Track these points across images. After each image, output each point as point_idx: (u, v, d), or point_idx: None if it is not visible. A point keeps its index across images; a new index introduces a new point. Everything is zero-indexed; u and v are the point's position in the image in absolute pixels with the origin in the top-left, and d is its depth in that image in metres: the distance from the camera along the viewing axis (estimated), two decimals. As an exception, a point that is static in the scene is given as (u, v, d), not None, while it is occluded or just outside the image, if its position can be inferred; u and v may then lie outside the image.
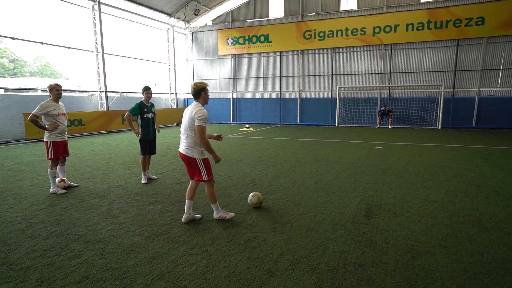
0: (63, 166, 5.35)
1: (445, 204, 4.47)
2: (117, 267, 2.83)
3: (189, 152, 3.63)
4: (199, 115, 3.45)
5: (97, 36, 14.98)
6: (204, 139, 3.51)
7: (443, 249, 3.12)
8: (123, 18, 16.89)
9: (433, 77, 16.67)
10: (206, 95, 3.65)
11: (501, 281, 2.59)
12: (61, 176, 5.26)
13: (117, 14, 16.39)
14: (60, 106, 5.14)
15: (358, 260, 2.93)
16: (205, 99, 3.65)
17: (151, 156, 6.05)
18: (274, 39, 19.03)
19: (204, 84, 3.61)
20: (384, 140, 11.52)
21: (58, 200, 4.75)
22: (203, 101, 3.63)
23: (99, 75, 15.32)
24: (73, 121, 12.97)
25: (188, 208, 3.86)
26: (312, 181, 5.79)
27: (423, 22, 16.08)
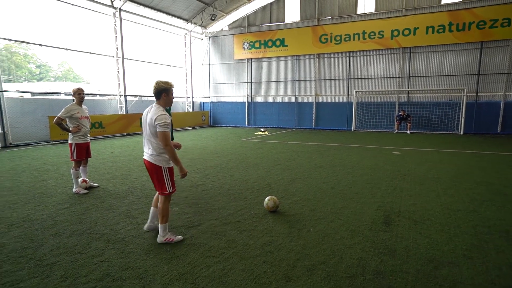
0: (86, 167, 5.53)
1: (469, 213, 4.30)
2: (136, 266, 2.89)
3: (156, 159, 3.27)
4: (160, 122, 3.10)
5: (117, 41, 15.48)
6: (168, 146, 3.16)
7: (467, 260, 3.00)
8: (143, 24, 17.39)
9: (454, 81, 16.16)
10: (169, 97, 3.28)
11: (531, 295, 2.47)
12: (83, 177, 5.45)
13: (137, 20, 16.90)
14: (84, 109, 5.33)
15: (377, 268, 2.86)
16: (166, 101, 3.28)
17: None
18: (290, 43, 19.04)
19: (167, 84, 3.26)
20: (403, 146, 11.23)
21: (80, 199, 4.92)
22: (163, 103, 3.27)
23: (119, 79, 15.81)
24: (94, 124, 13.42)
25: (153, 216, 3.65)
26: (328, 186, 5.72)
27: (444, 25, 15.65)
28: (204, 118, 21.33)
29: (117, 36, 15.44)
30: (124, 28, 15.74)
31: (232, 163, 7.91)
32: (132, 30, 16.88)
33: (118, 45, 15.47)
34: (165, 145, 3.16)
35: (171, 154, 3.19)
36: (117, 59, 15.66)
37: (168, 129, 3.16)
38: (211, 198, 4.98)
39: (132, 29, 16.85)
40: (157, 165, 3.27)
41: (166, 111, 5.77)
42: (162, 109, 3.21)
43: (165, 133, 3.13)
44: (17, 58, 26.73)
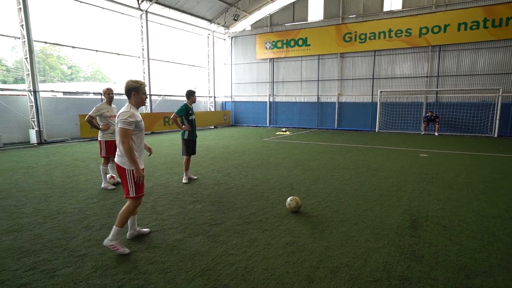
0: (113, 164, 5.76)
1: (504, 220, 4.06)
2: (162, 261, 2.98)
3: (121, 161, 3.12)
4: (122, 117, 3.01)
5: (143, 42, 16.00)
6: (126, 143, 2.99)
7: (503, 270, 2.84)
8: (167, 25, 17.86)
9: (488, 80, 15.28)
10: (139, 97, 3.16)
11: None
12: (111, 173, 5.68)
13: (162, 21, 17.38)
14: (113, 108, 5.56)
15: (403, 273, 2.77)
16: (137, 101, 3.17)
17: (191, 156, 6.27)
18: (313, 42, 18.81)
19: (137, 83, 3.15)
20: (430, 148, 10.78)
21: (109, 195, 5.13)
22: (134, 102, 3.16)
23: (144, 79, 16.32)
24: (120, 122, 13.95)
25: (132, 224, 3.47)
26: (351, 187, 5.61)
27: (478, 21, 14.82)
28: (226, 118, 21.56)
29: (143, 38, 15.96)
30: (150, 30, 16.25)
31: (253, 163, 7.94)
32: (157, 31, 17.39)
33: (144, 46, 15.99)
34: (122, 141, 3.01)
35: (127, 151, 3.00)
36: (143, 59, 16.19)
37: (129, 127, 3.01)
38: (233, 197, 5.03)
39: (157, 30, 17.36)
40: (121, 167, 3.11)
41: (187, 110, 5.86)
42: (134, 109, 3.13)
43: (124, 129, 3.00)
44: (51, 59, 28.31)
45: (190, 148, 6.04)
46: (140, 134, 3.20)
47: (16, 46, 22.01)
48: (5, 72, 22.22)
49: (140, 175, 3.10)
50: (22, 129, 11.56)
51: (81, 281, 2.62)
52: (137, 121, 3.11)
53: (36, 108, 11.48)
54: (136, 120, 3.09)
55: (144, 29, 15.87)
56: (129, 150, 3.01)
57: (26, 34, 11.23)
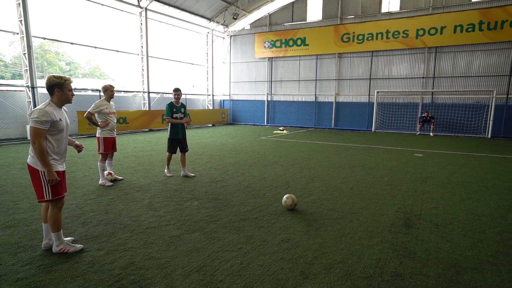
0: (111, 161, 5.79)
1: (495, 219, 4.15)
2: (158, 257, 3.01)
3: (32, 161, 2.86)
4: (34, 115, 2.76)
5: (142, 40, 15.96)
6: (36, 143, 2.73)
7: (492, 267, 2.91)
8: (167, 23, 17.83)
9: (483, 82, 15.44)
10: (64, 94, 2.93)
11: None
12: (109, 170, 5.70)
13: (161, 19, 17.34)
14: (111, 105, 5.58)
15: (396, 270, 2.83)
16: (60, 98, 2.93)
17: (185, 154, 6.38)
18: (311, 42, 18.87)
19: (61, 79, 2.91)
20: (425, 148, 10.89)
21: (106, 191, 5.15)
22: (57, 99, 2.92)
23: (143, 76, 16.30)
24: (118, 119, 13.94)
25: (47, 232, 3.09)
26: (347, 186, 5.67)
27: (474, 23, 14.97)
28: (224, 116, 21.58)
29: (143, 35, 15.92)
30: (149, 27, 16.21)
31: (250, 161, 7.98)
32: (156, 29, 17.35)
33: (143, 44, 15.95)
34: (32, 142, 2.75)
35: (38, 153, 2.75)
36: (141, 57, 16.15)
37: (41, 126, 2.76)
38: (230, 194, 5.07)
39: (156, 28, 17.32)
40: (33, 168, 2.85)
41: (171, 109, 5.98)
42: (53, 107, 2.88)
43: (35, 128, 2.74)
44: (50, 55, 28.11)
45: (174, 146, 6.22)
46: (59, 135, 2.93)
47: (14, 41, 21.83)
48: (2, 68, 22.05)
49: (52, 178, 2.82)
50: (19, 125, 11.50)
51: (78, 276, 2.65)
52: (54, 120, 2.82)
53: (34, 104, 11.43)
54: (52, 120, 2.80)
55: (144, 26, 15.83)
56: (41, 151, 2.75)
57: (25, 30, 11.16)
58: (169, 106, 6.07)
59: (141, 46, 16.03)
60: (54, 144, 2.90)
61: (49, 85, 2.89)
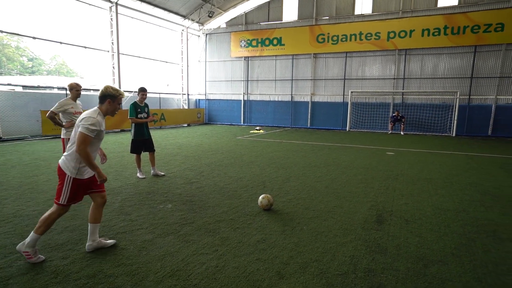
0: (78, 163, 5.48)
1: (458, 213, 4.38)
2: (129, 263, 2.88)
3: (64, 164, 2.94)
4: (86, 122, 2.82)
5: (113, 36, 15.33)
6: (82, 150, 2.80)
7: (456, 259, 3.06)
8: (139, 19, 17.25)
9: (448, 84, 16.36)
10: (113, 106, 3.02)
11: (517, 293, 2.53)
12: (76, 172, 5.39)
13: (133, 15, 16.75)
14: (78, 104, 5.27)
15: (368, 266, 2.90)
16: (108, 109, 3.01)
17: (153, 153, 6.29)
18: (287, 42, 19.05)
19: (117, 92, 3.04)
20: (396, 146, 11.35)
21: (73, 195, 4.86)
22: (105, 109, 3.01)
23: (114, 74, 15.66)
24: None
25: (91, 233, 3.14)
26: (322, 185, 5.76)
27: (440, 28, 15.82)
28: (200, 116, 21.27)
29: (113, 31, 15.29)
30: (120, 23, 15.59)
31: (226, 161, 7.91)
32: (128, 25, 16.74)
33: (114, 40, 15.32)
34: (78, 147, 2.80)
35: (85, 158, 2.82)
36: (112, 54, 15.51)
37: (90, 134, 2.83)
38: (205, 196, 4.98)
39: (128, 24, 16.71)
40: (62, 171, 2.92)
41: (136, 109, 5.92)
42: (101, 116, 2.97)
43: (85, 135, 2.81)
44: (9, 50, 26.25)
45: (138, 147, 6.11)
46: (97, 144, 3.03)
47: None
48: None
49: (103, 178, 2.95)
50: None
51: (40, 288, 2.47)
52: (100, 130, 2.93)
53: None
54: (98, 129, 2.91)
55: (114, 22, 15.20)
56: (86, 156, 2.82)
57: (-20, 23, 10.35)
58: (133, 106, 5.97)
59: (112, 42, 15.39)
60: (90, 151, 2.92)
61: (104, 94, 2.99)
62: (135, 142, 6.11)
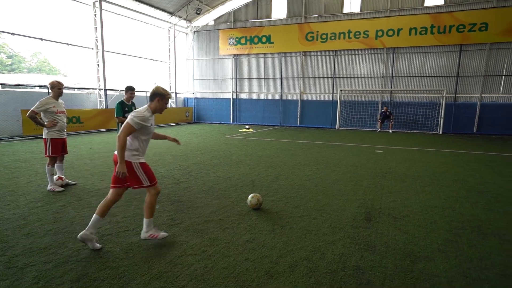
0: (61, 164, 5.31)
1: (445, 209, 4.45)
2: (115, 266, 2.81)
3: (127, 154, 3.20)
4: (135, 115, 3.10)
5: (97, 33, 14.95)
6: (121, 138, 3.05)
7: (442, 254, 3.10)
8: (124, 15, 16.88)
9: (435, 82, 16.68)
10: (161, 104, 3.27)
11: (500, 287, 2.58)
12: (59, 174, 5.23)
13: (118, 11, 16.37)
14: (60, 103, 5.11)
15: (357, 263, 2.91)
16: (157, 107, 3.26)
17: None
18: (276, 40, 19.03)
19: (165, 91, 3.31)
20: (385, 144, 11.50)
21: (56, 198, 4.72)
22: (154, 106, 3.25)
23: (98, 72, 15.29)
24: (71, 119, 12.92)
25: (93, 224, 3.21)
26: (312, 183, 5.77)
27: (426, 27, 16.09)
28: (188, 115, 21.05)
29: (97, 27, 14.91)
30: (105, 19, 15.22)
31: (215, 160, 7.84)
32: (113, 22, 16.37)
33: (98, 37, 14.95)
34: (119, 133, 3.07)
35: (120, 145, 3.07)
36: (96, 51, 15.14)
37: (136, 126, 3.09)
38: (194, 196, 4.91)
39: (113, 20, 16.34)
40: (127, 161, 3.19)
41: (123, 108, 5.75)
42: (150, 113, 3.23)
43: (130, 125, 3.08)
44: (-14, 47, 25.29)
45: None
46: (147, 137, 3.33)
47: None
48: None
49: (123, 171, 3.12)
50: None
51: (20, 294, 2.37)
52: (145, 126, 3.19)
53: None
54: (145, 125, 3.18)
55: (98, 18, 14.81)
56: (123, 145, 3.10)
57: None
58: (120, 104, 5.81)
59: (96, 39, 15.01)
60: (142, 144, 3.27)
61: (154, 93, 3.26)
62: None
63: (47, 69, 28.33)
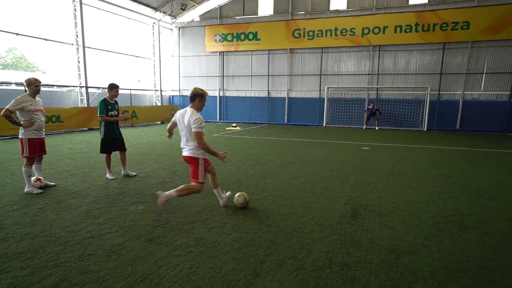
0: (40, 165, 5.11)
1: (428, 204, 4.54)
2: (97, 269, 2.72)
3: (193, 153, 3.84)
4: (197, 122, 3.62)
5: (77, 28, 14.44)
6: (202, 144, 3.68)
7: (425, 249, 3.15)
8: (106, 10, 16.36)
9: (419, 80, 17.02)
10: (201, 103, 3.77)
11: (479, 278, 2.65)
12: (37, 175, 5.02)
13: (100, 6, 15.85)
14: (37, 101, 4.90)
15: (343, 260, 2.92)
16: (199, 106, 3.76)
17: (124, 152, 6.01)
18: (263, 37, 18.96)
19: (203, 91, 3.77)
20: (371, 141, 11.67)
21: (34, 200, 4.54)
22: (197, 106, 3.75)
23: (79, 69, 14.79)
24: (50, 118, 12.45)
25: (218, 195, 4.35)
26: (299, 181, 5.78)
27: (411, 25, 16.37)
28: (174, 113, 20.71)
29: (77, 22, 14.39)
30: (86, 14, 14.72)
31: (202, 158, 7.73)
32: (94, 17, 15.87)
33: (79, 32, 14.44)
34: (198, 142, 3.67)
35: (205, 149, 3.73)
36: (77, 47, 14.64)
37: (202, 129, 3.68)
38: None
39: (94, 15, 15.84)
40: (195, 157, 3.83)
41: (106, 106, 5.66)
42: (197, 113, 3.73)
43: (200, 133, 3.65)
44: (-45, 42, 23.99)
45: (108, 146, 5.82)
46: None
47: None
48: None
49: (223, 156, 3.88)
50: None
51: (-7, 302, 2.25)
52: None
53: None
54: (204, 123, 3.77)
55: (78, 13, 14.27)
56: (206, 147, 3.71)
57: None
58: (103, 103, 5.63)
59: (76, 35, 14.49)
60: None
61: (194, 94, 3.74)
62: (105, 141, 5.79)
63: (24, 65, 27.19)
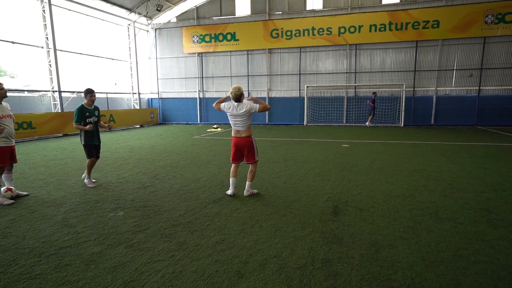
0: (10, 174, 4.85)
1: (406, 198, 4.70)
2: (75, 280, 2.62)
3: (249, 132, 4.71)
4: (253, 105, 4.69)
5: (47, 30, 13.79)
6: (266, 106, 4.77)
7: (404, 241, 3.26)
8: (78, 11, 15.75)
9: (395, 77, 17.57)
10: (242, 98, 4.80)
11: (454, 267, 2.77)
12: (7, 185, 4.77)
13: (70, 7, 15.19)
14: (5, 107, 4.65)
15: (325, 256, 2.97)
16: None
17: (96, 160, 5.80)
18: (241, 37, 18.94)
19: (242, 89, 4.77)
20: (351, 139, 11.94)
21: (4, 211, 4.31)
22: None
23: (51, 73, 14.13)
24: (21, 124, 11.83)
25: (232, 184, 4.91)
26: (280, 180, 5.82)
27: (385, 24, 16.88)
28: (153, 116, 20.32)
29: (47, 24, 13.75)
30: (56, 16, 14.10)
31: (183, 162, 7.64)
32: (65, 18, 15.25)
33: (49, 35, 13.79)
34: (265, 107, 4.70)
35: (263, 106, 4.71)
36: (47, 50, 13.98)
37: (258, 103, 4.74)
38: (160, 200, 4.74)
39: (65, 17, 15.23)
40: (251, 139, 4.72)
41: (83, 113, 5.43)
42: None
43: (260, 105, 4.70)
44: None
45: (92, 151, 5.58)
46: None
47: None
48: None
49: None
50: None
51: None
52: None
53: None
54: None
55: (47, 14, 13.61)
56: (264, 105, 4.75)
57: None
58: (79, 110, 5.34)
59: (46, 37, 13.86)
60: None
61: (241, 93, 4.67)
62: (88, 146, 5.53)
63: (-8, 70, 25.79)
